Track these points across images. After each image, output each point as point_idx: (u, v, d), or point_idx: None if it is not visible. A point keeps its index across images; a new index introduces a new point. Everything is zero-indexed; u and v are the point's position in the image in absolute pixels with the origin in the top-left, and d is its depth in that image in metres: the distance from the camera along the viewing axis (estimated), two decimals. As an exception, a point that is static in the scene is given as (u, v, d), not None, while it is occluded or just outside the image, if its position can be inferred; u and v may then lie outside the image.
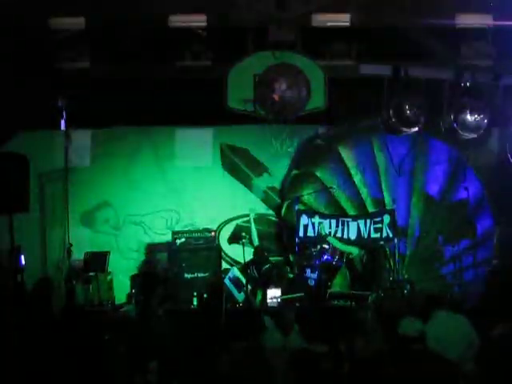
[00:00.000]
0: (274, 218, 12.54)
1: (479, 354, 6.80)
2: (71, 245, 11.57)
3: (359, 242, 11.52)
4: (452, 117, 9.31)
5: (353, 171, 12.17)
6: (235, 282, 10.60)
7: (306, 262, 11.25)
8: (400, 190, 12.04)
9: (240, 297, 10.42)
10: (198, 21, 8.15)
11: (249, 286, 10.56)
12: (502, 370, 5.73)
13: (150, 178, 12.22)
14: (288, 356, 6.36)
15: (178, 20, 8.20)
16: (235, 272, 10.75)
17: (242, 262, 11.19)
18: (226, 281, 10.48)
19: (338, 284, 10.78)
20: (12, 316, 8.31)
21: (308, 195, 12.17)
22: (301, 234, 11.69)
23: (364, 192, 12.23)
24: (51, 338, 6.64)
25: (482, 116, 9.21)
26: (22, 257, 9.87)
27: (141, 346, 6.58)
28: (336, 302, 10.16)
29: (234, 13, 7.85)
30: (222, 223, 12.44)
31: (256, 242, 11.52)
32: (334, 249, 11.28)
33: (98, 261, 11.39)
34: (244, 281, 10.54)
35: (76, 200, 11.92)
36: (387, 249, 11.50)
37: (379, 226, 11.48)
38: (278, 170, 12.48)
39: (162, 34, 8.68)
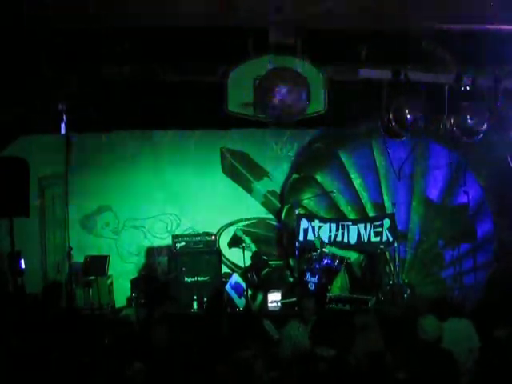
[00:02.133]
0: (273, 222, 12.55)
1: (479, 356, 6.81)
2: (71, 248, 11.56)
3: (359, 246, 11.52)
4: (452, 121, 9.30)
5: (353, 175, 12.18)
6: (236, 288, 10.60)
7: (306, 266, 11.24)
8: (400, 194, 12.04)
9: (241, 303, 10.42)
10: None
11: (249, 291, 10.58)
12: (501, 372, 5.76)
13: (150, 182, 12.21)
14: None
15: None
16: (236, 278, 10.74)
17: (242, 265, 11.18)
18: (227, 287, 10.48)
19: (338, 287, 10.76)
20: (12, 319, 8.33)
21: (308, 199, 12.18)
22: (301, 238, 11.70)
23: (364, 196, 12.24)
24: (51, 341, 6.65)
25: (481, 120, 9.21)
26: (22, 260, 9.86)
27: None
28: (334, 306, 10.15)
29: (233, 15, 7.85)
30: (222, 227, 12.45)
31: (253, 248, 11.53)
32: (334, 253, 11.29)
33: (98, 264, 11.39)
34: (244, 286, 10.56)
35: (76, 204, 11.92)
36: (387, 253, 11.49)
37: (379, 230, 11.48)
38: (278, 174, 12.49)
39: (162, 36, 8.69)
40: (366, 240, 11.58)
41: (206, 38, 8.58)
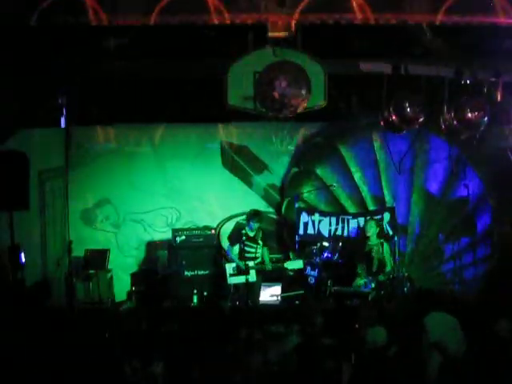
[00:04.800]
0: (274, 216, 12.55)
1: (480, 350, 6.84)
2: (71, 242, 11.56)
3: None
4: (452, 114, 9.29)
5: (353, 169, 12.17)
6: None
7: (306, 260, 11.25)
8: (400, 188, 12.03)
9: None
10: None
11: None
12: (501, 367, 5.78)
13: (150, 176, 12.21)
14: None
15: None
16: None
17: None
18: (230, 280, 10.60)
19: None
20: (12, 313, 8.33)
21: (308, 193, 12.18)
22: (301, 231, 11.72)
23: (364, 190, 12.24)
24: (50, 335, 6.65)
25: (481, 113, 9.19)
26: (22, 254, 9.87)
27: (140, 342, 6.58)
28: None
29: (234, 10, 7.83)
30: (222, 221, 12.45)
31: None
32: (335, 246, 11.29)
33: (98, 258, 11.41)
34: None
35: (76, 197, 11.93)
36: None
37: (379, 223, 11.47)
38: (278, 168, 12.48)
39: (163, 32, 8.67)
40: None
41: (207, 33, 8.57)
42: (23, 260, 9.87)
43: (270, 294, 10.73)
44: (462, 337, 7.39)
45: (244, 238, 10.82)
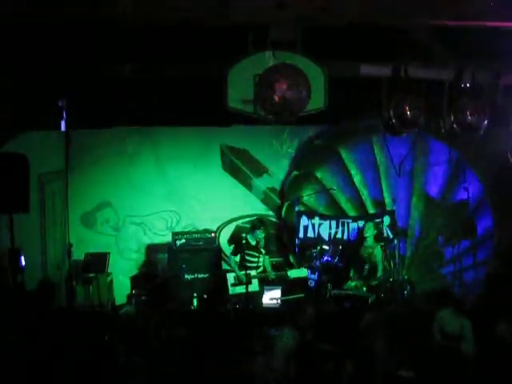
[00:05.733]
0: (274, 219, 12.55)
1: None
2: (71, 245, 11.55)
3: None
4: (452, 117, 9.29)
5: (353, 172, 12.18)
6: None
7: (306, 263, 11.25)
8: (400, 191, 12.04)
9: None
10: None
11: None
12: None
13: (150, 179, 12.21)
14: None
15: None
16: None
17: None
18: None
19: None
20: (12, 316, 8.33)
21: (308, 196, 12.18)
22: (301, 235, 11.73)
23: (364, 193, 12.25)
24: (51, 338, 6.65)
25: (482, 116, 9.19)
26: (22, 257, 9.86)
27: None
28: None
29: (233, 12, 7.82)
30: (222, 224, 12.45)
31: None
32: (335, 249, 11.29)
33: (98, 261, 11.39)
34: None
35: (76, 200, 11.91)
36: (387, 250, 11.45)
37: (378, 226, 11.46)
38: (278, 171, 12.48)
39: (162, 33, 8.67)
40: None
41: (206, 35, 8.58)
42: (23, 263, 9.87)
43: (269, 297, 10.73)
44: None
45: (245, 246, 10.76)
